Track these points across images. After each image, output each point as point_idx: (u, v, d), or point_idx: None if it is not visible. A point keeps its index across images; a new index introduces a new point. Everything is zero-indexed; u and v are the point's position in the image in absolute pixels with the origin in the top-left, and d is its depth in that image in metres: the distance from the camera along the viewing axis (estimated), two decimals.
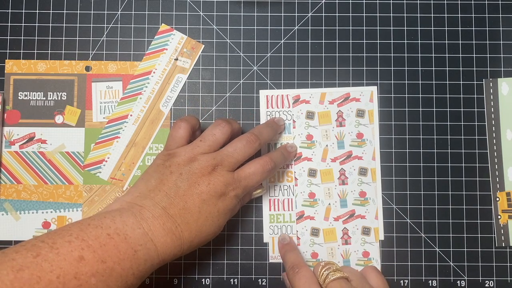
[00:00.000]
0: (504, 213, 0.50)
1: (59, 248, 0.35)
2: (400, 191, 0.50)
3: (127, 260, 0.37)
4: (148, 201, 0.41)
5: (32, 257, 0.34)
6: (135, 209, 0.40)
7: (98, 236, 0.37)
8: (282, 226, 0.50)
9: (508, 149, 0.50)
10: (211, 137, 0.44)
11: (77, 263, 0.35)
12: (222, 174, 0.42)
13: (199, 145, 0.43)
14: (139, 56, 0.51)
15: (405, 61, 0.51)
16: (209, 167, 0.42)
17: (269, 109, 0.51)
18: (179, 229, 0.40)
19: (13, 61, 0.51)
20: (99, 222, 0.38)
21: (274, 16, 0.52)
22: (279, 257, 0.50)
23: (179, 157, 0.42)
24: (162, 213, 0.40)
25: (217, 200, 0.42)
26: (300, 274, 0.42)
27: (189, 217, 0.41)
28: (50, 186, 0.50)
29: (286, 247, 0.47)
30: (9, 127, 0.50)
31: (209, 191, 0.41)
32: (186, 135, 0.44)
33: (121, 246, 0.37)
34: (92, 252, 0.36)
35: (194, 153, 0.43)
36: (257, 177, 0.44)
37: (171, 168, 0.42)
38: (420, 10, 0.52)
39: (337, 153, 0.50)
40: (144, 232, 0.38)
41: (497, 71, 0.51)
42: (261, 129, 0.47)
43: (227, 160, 0.43)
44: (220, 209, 0.42)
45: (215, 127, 0.44)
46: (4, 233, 0.49)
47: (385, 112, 0.51)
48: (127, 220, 0.38)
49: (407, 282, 0.49)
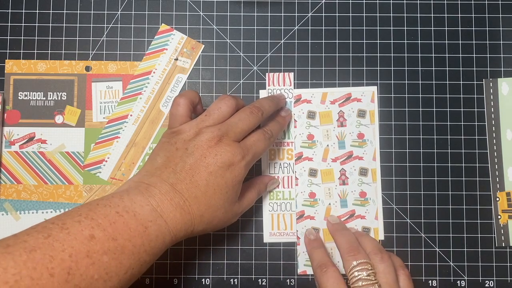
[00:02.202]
0: (504, 213, 0.50)
1: (69, 228, 0.35)
2: (400, 191, 0.50)
3: (138, 236, 0.37)
4: (154, 178, 0.40)
5: (44, 238, 0.34)
6: (142, 187, 0.40)
7: (107, 215, 0.37)
8: (281, 203, 0.50)
9: (508, 149, 0.50)
10: (217, 111, 0.43)
11: (88, 241, 0.35)
12: (229, 143, 0.41)
13: (204, 119, 0.43)
14: (139, 56, 0.51)
15: (405, 61, 0.51)
16: (215, 138, 0.41)
17: (270, 86, 0.51)
18: (187, 203, 0.40)
19: (13, 61, 0.51)
20: (107, 201, 0.38)
21: (274, 16, 0.52)
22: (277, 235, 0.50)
23: (184, 133, 0.42)
24: (170, 189, 0.40)
25: (225, 171, 0.41)
26: (328, 274, 0.42)
27: (197, 190, 0.40)
28: (50, 186, 0.50)
29: (313, 243, 0.48)
30: (9, 127, 0.50)
31: (216, 162, 0.41)
32: (186, 111, 0.44)
33: (131, 223, 0.37)
34: (102, 230, 0.36)
35: (199, 127, 0.42)
36: (262, 144, 0.44)
37: (176, 145, 0.42)
38: (420, 10, 0.52)
39: (338, 153, 0.50)
40: (152, 209, 0.38)
41: (497, 71, 0.51)
42: (263, 101, 0.47)
43: (232, 130, 0.42)
44: (229, 180, 0.41)
45: (220, 101, 0.44)
46: (4, 233, 0.49)
47: (385, 112, 0.51)
48: (135, 198, 0.38)
49: None
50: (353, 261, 0.42)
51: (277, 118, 0.49)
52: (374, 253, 0.43)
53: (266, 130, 0.45)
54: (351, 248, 0.44)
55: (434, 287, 0.49)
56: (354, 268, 0.42)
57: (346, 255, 0.43)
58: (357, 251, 0.43)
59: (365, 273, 0.41)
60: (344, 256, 0.43)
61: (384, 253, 0.44)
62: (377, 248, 0.44)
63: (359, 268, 0.41)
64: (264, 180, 0.49)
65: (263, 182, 0.49)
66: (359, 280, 0.41)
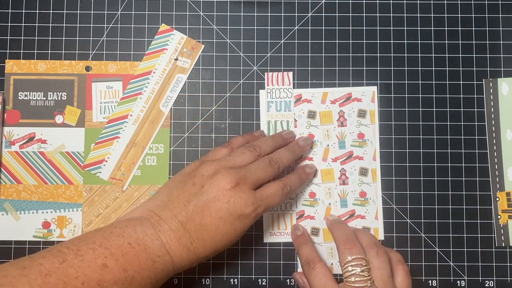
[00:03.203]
0: (504, 213, 0.50)
1: (83, 255, 0.36)
2: (400, 191, 0.50)
3: (147, 269, 0.38)
4: (167, 212, 0.41)
5: (59, 262, 0.35)
6: (153, 220, 0.40)
7: (120, 245, 0.38)
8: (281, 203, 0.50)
9: (508, 149, 0.50)
10: (241, 155, 0.44)
11: (101, 270, 0.36)
12: (244, 191, 0.41)
13: (227, 159, 0.43)
14: (139, 56, 0.51)
15: (405, 61, 0.51)
16: (232, 181, 0.41)
17: (270, 86, 0.51)
18: (194, 245, 0.40)
19: (13, 61, 0.51)
20: (121, 230, 0.39)
21: (274, 16, 0.52)
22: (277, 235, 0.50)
23: (205, 168, 0.42)
24: (179, 226, 0.40)
25: (235, 219, 0.41)
26: (315, 271, 0.43)
27: (205, 234, 0.41)
28: (50, 186, 0.50)
29: (300, 239, 0.48)
30: (9, 127, 0.50)
31: (229, 209, 0.41)
32: (227, 154, 0.45)
33: (142, 256, 0.38)
34: (115, 261, 0.37)
35: (220, 165, 0.42)
36: (277, 199, 0.43)
37: (194, 179, 0.42)
38: (420, 10, 0.52)
39: (338, 153, 0.51)
40: (161, 244, 0.39)
41: (497, 71, 0.51)
42: (282, 154, 0.46)
43: (250, 176, 0.42)
44: (238, 228, 0.41)
45: (247, 148, 0.45)
46: (4, 233, 0.49)
47: (385, 112, 0.51)
48: (147, 231, 0.39)
49: None
50: (348, 256, 0.42)
51: (301, 172, 0.48)
52: (370, 247, 0.43)
53: (286, 185, 0.44)
54: (347, 241, 0.43)
55: (434, 287, 0.49)
56: (348, 262, 0.42)
57: (342, 248, 0.43)
58: (353, 244, 0.43)
59: (359, 269, 0.41)
60: (340, 248, 0.43)
61: (380, 248, 0.43)
62: (373, 242, 0.44)
63: (354, 263, 0.41)
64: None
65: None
66: (353, 275, 0.41)
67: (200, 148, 0.51)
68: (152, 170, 0.50)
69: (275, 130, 0.51)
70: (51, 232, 0.50)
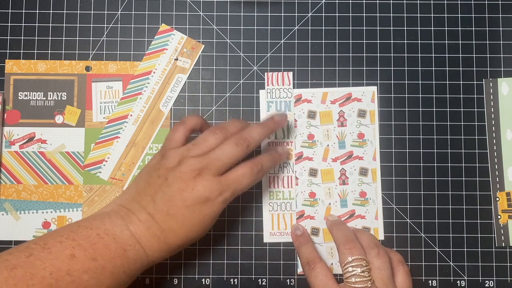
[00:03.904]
0: (504, 213, 0.50)
1: (50, 247, 0.37)
2: (400, 191, 0.50)
3: (118, 258, 0.38)
4: (135, 204, 0.41)
5: (25, 257, 0.35)
6: (123, 212, 0.41)
7: (88, 236, 0.38)
8: (281, 203, 0.50)
9: (508, 149, 0.50)
10: (203, 142, 0.43)
11: (69, 260, 0.36)
12: (207, 178, 0.41)
13: (190, 148, 0.43)
14: (139, 56, 0.51)
15: (405, 61, 0.51)
16: (195, 171, 0.41)
17: (270, 86, 0.51)
18: (163, 235, 0.40)
19: (13, 61, 0.51)
20: (89, 223, 0.39)
21: (274, 16, 0.52)
22: (277, 235, 0.50)
23: (169, 159, 0.42)
24: (148, 217, 0.40)
25: (201, 206, 0.41)
26: (316, 271, 0.43)
27: (174, 223, 0.41)
28: (50, 186, 0.50)
29: (300, 239, 0.48)
30: (9, 127, 0.50)
31: (193, 197, 0.41)
32: (182, 138, 0.44)
33: (111, 245, 0.38)
34: (83, 251, 0.37)
35: (183, 156, 0.42)
36: (246, 180, 0.42)
37: (159, 171, 0.42)
38: (420, 10, 0.52)
39: (338, 153, 0.50)
40: (131, 234, 0.39)
41: (497, 71, 0.51)
42: (253, 130, 0.44)
43: (213, 163, 0.41)
44: (206, 215, 0.41)
45: (209, 133, 0.43)
46: (4, 233, 0.49)
47: (385, 112, 0.51)
48: (116, 222, 0.40)
49: None
50: (348, 256, 0.42)
51: (272, 152, 0.46)
52: (371, 247, 0.43)
53: (255, 164, 0.43)
54: (347, 241, 0.43)
55: (434, 287, 0.49)
56: (349, 263, 0.42)
57: (342, 248, 0.43)
58: (353, 245, 0.43)
59: (359, 270, 0.41)
60: (340, 248, 0.43)
61: (380, 248, 0.43)
62: (373, 243, 0.44)
63: (354, 264, 0.41)
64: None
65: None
66: (353, 276, 0.41)
67: None
68: None
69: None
70: None
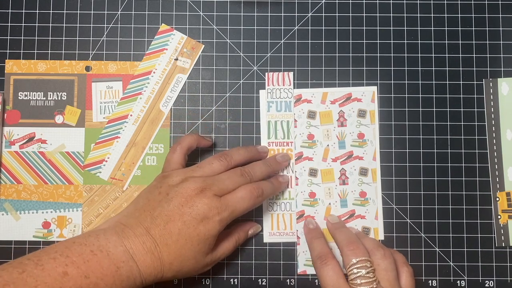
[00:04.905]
0: (504, 213, 0.50)
1: (44, 264, 0.36)
2: (400, 191, 0.50)
3: (110, 276, 0.38)
4: (132, 220, 0.41)
5: (18, 273, 0.35)
6: (118, 228, 0.41)
7: (82, 253, 0.38)
8: (281, 203, 0.50)
9: (508, 149, 0.50)
10: (208, 165, 0.44)
11: (61, 278, 0.36)
12: (208, 196, 0.41)
13: (194, 169, 0.44)
14: (139, 56, 0.51)
15: (405, 61, 0.51)
16: (197, 189, 0.41)
17: (270, 86, 0.51)
18: (158, 249, 0.40)
19: (13, 61, 0.51)
20: (83, 240, 0.39)
21: (274, 16, 0.52)
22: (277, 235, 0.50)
23: (172, 177, 0.43)
24: (144, 232, 0.40)
25: (198, 223, 0.41)
26: (328, 266, 0.42)
27: (169, 238, 0.40)
28: (50, 186, 0.50)
29: (313, 232, 0.48)
30: (9, 127, 0.50)
31: (191, 213, 0.41)
32: (180, 159, 0.45)
33: (104, 262, 0.38)
34: (76, 268, 0.37)
35: (187, 175, 0.43)
36: (245, 203, 0.43)
37: (161, 189, 0.42)
38: (420, 10, 0.52)
39: (338, 153, 0.51)
40: (125, 250, 0.39)
41: (497, 71, 0.51)
42: (256, 166, 0.46)
43: (217, 184, 0.42)
44: (201, 233, 0.41)
45: (214, 158, 0.45)
46: (4, 233, 0.49)
47: (385, 112, 0.51)
48: (110, 238, 0.39)
49: None
50: (352, 258, 0.42)
51: (273, 180, 0.48)
52: (376, 249, 0.43)
53: (256, 188, 0.44)
54: (350, 242, 0.43)
55: (434, 287, 0.49)
56: (353, 265, 0.42)
57: (345, 250, 0.43)
58: (357, 246, 0.43)
59: (364, 271, 0.41)
60: (344, 250, 0.43)
61: (385, 249, 0.44)
62: (377, 244, 0.44)
63: (359, 265, 0.41)
64: (245, 227, 0.48)
65: (243, 230, 0.48)
66: (358, 277, 0.41)
67: (200, 148, 0.51)
68: (152, 170, 0.50)
69: (275, 130, 0.51)
70: (51, 232, 0.50)
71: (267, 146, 0.50)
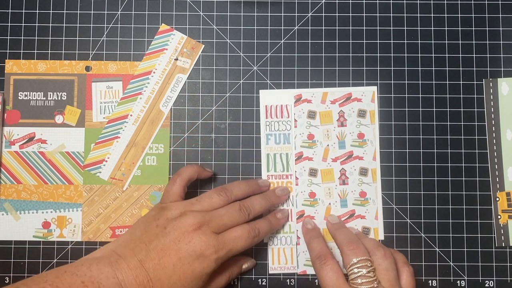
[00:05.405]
0: (504, 213, 0.50)
1: None
2: (400, 191, 0.50)
3: None
4: (127, 250, 0.41)
5: None
6: (112, 258, 0.40)
7: (73, 284, 0.37)
8: (281, 237, 0.50)
9: (508, 149, 0.50)
10: (207, 200, 0.44)
11: None
12: (206, 233, 0.41)
13: (193, 203, 0.43)
14: (139, 56, 0.51)
15: (405, 61, 0.51)
16: (195, 224, 0.41)
17: (268, 119, 0.51)
18: (150, 284, 0.39)
19: (13, 61, 0.51)
20: (75, 269, 0.38)
21: (274, 16, 0.52)
22: (278, 269, 0.50)
23: (171, 210, 0.42)
24: (138, 265, 0.40)
25: (194, 260, 0.40)
26: (327, 266, 0.42)
27: (162, 273, 0.40)
28: (50, 186, 0.50)
29: (311, 233, 0.48)
30: (9, 127, 0.50)
31: (188, 249, 0.40)
32: (180, 191, 0.45)
33: None
34: None
35: (185, 209, 0.42)
36: (242, 242, 0.43)
37: (158, 221, 0.42)
38: (420, 10, 0.52)
39: (338, 153, 0.50)
40: (117, 282, 0.38)
41: (497, 71, 0.51)
42: (255, 201, 0.46)
43: (215, 220, 0.42)
44: (196, 270, 0.40)
45: (214, 192, 0.45)
46: (4, 233, 0.49)
47: (385, 112, 0.51)
48: (103, 269, 0.39)
49: None
50: (353, 258, 0.42)
51: (271, 217, 0.48)
52: (376, 249, 0.43)
53: (253, 228, 0.44)
54: (350, 242, 0.43)
55: (434, 287, 0.49)
56: (354, 265, 0.42)
57: (346, 250, 0.43)
58: (357, 245, 0.43)
59: (364, 271, 0.41)
60: (344, 250, 0.43)
61: (386, 249, 0.44)
62: (378, 244, 0.44)
63: (359, 265, 0.41)
64: (239, 262, 0.48)
65: (237, 265, 0.47)
66: (359, 277, 0.41)
67: (200, 148, 0.51)
68: (152, 170, 0.50)
69: (275, 162, 0.50)
70: (51, 232, 0.50)
71: (267, 179, 0.50)
